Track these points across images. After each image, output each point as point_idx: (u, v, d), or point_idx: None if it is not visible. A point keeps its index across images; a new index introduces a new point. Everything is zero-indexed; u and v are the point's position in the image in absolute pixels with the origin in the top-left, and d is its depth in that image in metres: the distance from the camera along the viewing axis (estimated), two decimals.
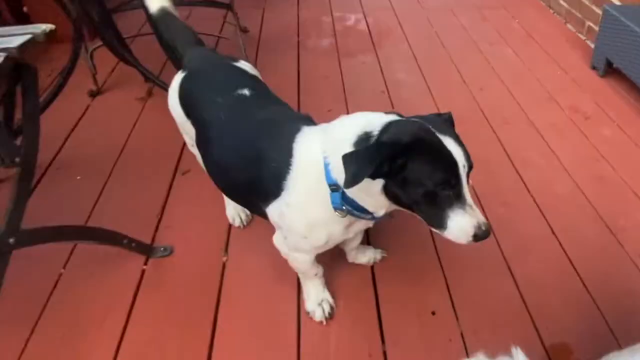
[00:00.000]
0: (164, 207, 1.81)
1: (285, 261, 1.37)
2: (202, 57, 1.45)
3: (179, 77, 1.40)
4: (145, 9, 1.57)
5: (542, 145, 2.20)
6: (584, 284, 1.55)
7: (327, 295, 1.45)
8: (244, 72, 1.40)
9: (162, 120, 2.26)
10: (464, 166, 0.98)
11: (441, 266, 1.60)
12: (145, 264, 1.59)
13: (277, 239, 1.31)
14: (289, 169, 1.10)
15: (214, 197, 1.80)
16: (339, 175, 1.03)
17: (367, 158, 0.93)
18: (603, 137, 2.25)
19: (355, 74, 2.76)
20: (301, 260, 1.31)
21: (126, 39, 2.54)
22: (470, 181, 1.04)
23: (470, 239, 1.01)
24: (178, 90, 1.37)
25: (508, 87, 2.64)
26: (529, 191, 1.92)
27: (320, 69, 2.78)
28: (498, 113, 2.41)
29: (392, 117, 1.03)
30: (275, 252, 1.35)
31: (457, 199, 0.99)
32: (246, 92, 1.27)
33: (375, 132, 0.99)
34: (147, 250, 1.60)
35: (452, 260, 1.62)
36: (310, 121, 1.20)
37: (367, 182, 0.98)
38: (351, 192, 1.05)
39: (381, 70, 2.80)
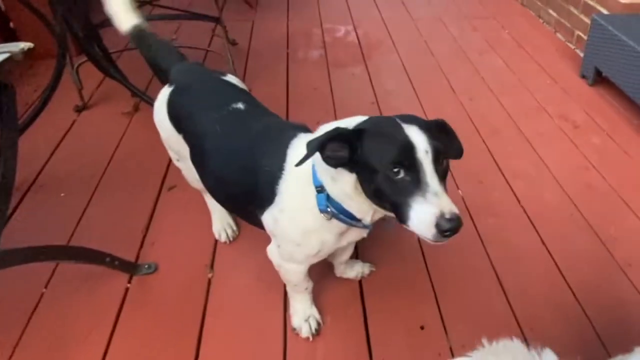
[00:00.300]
0: (149, 224, 1.81)
1: (271, 277, 1.37)
2: (190, 71, 1.46)
3: (166, 91, 1.40)
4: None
5: (532, 154, 2.21)
6: (573, 294, 1.55)
7: (314, 311, 1.44)
8: (234, 86, 1.42)
9: (149, 135, 2.26)
10: (426, 151, 0.93)
11: (430, 279, 1.60)
12: (129, 281, 1.58)
13: (271, 250, 1.31)
14: (282, 173, 1.12)
15: (199, 213, 1.81)
16: (323, 177, 1.05)
17: (319, 139, 0.95)
18: (592, 145, 2.27)
19: (345, 85, 2.78)
20: (294, 272, 1.31)
21: (113, 53, 2.55)
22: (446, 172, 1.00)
23: (434, 231, 0.90)
24: (166, 105, 1.38)
25: (497, 97, 2.66)
26: (518, 201, 1.93)
27: (310, 81, 2.80)
28: (488, 123, 2.43)
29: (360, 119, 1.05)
30: (262, 268, 1.35)
31: (417, 185, 0.92)
32: (240, 105, 1.29)
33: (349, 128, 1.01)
34: (130, 268, 1.59)
35: (442, 273, 1.62)
36: (307, 130, 1.21)
37: (339, 176, 1.02)
38: (332, 193, 1.06)
39: (371, 81, 2.82)
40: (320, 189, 1.07)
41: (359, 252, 1.68)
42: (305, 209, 1.10)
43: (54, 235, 1.73)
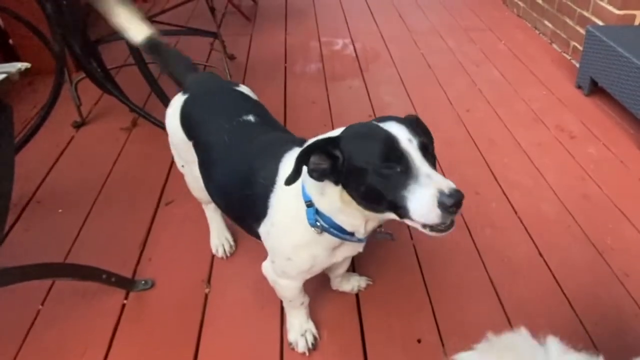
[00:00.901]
0: (146, 239, 1.82)
1: (268, 292, 1.38)
2: (205, 81, 1.51)
3: (179, 99, 1.43)
4: (128, 41, 1.61)
5: (529, 165, 2.23)
6: (570, 305, 1.56)
7: (310, 325, 1.45)
8: (247, 96, 1.45)
9: (147, 151, 2.32)
10: (409, 140, 0.93)
11: (427, 292, 1.61)
12: (126, 298, 1.59)
13: (266, 266, 1.32)
14: (274, 187, 1.14)
15: (197, 228, 1.83)
16: (311, 191, 1.07)
17: (300, 153, 0.96)
18: (589, 156, 2.29)
19: (342, 98, 2.81)
20: (288, 288, 1.32)
21: (111, 69, 2.59)
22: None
23: (439, 211, 0.88)
24: (179, 113, 1.41)
25: (494, 108, 2.69)
26: (515, 212, 1.94)
27: (308, 94, 2.83)
28: (484, 134, 2.45)
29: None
30: (258, 283, 1.36)
31: (409, 174, 0.91)
32: (251, 117, 1.33)
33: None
34: (127, 284, 1.60)
35: (439, 286, 1.63)
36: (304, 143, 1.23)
37: (327, 189, 1.03)
38: (321, 206, 1.07)
39: (368, 93, 2.86)
40: (309, 203, 1.08)
41: (355, 265, 1.70)
42: (296, 223, 1.12)
43: (51, 252, 1.75)
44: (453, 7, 4.31)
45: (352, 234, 1.12)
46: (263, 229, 1.21)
